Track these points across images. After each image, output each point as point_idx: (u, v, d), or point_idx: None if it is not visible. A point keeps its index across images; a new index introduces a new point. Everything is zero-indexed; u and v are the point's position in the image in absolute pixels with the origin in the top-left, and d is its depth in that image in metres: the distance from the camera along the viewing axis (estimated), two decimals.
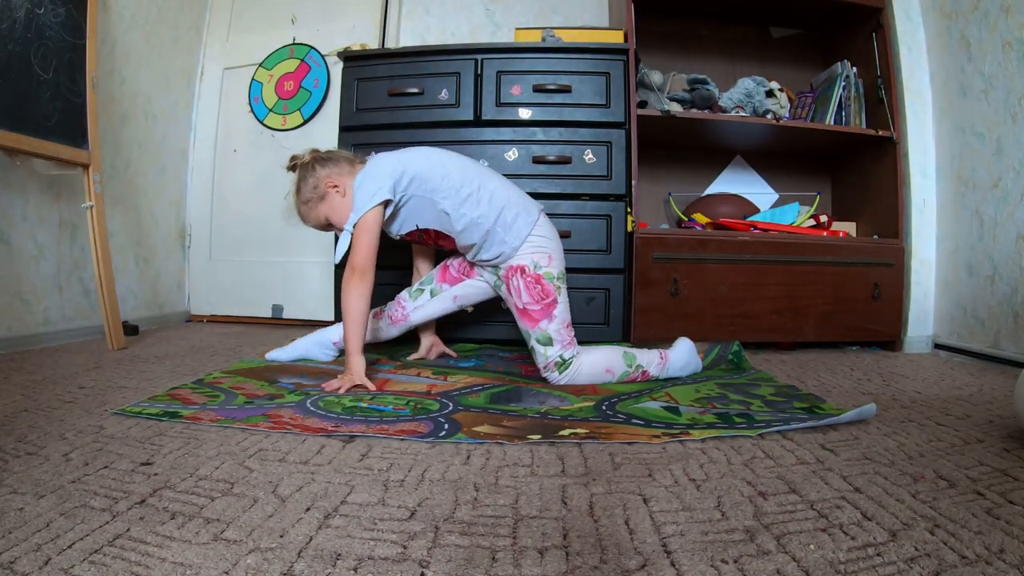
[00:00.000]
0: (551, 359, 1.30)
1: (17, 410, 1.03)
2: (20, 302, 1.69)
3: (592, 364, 1.31)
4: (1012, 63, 1.61)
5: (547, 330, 1.30)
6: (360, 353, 1.25)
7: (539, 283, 1.31)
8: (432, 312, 1.53)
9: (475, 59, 1.82)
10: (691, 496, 0.71)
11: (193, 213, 2.53)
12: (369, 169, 1.34)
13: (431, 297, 1.52)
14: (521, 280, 1.32)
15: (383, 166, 1.33)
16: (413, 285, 1.55)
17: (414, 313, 1.52)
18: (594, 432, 0.95)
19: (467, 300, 1.53)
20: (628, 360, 1.34)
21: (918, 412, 1.11)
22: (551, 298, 1.30)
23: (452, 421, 1.01)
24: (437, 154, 1.40)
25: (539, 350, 1.31)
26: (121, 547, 0.56)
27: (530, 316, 1.31)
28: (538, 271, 1.31)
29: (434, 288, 1.52)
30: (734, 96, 2.03)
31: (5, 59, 1.45)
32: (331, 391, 1.19)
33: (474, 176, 1.36)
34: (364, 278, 1.25)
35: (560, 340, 1.30)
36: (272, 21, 2.49)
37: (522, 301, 1.32)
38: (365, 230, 1.27)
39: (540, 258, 1.32)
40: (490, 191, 1.34)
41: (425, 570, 0.54)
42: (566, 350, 1.30)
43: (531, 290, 1.31)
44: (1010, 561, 0.55)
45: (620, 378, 1.33)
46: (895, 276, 1.90)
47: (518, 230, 1.33)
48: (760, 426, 0.98)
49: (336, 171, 1.36)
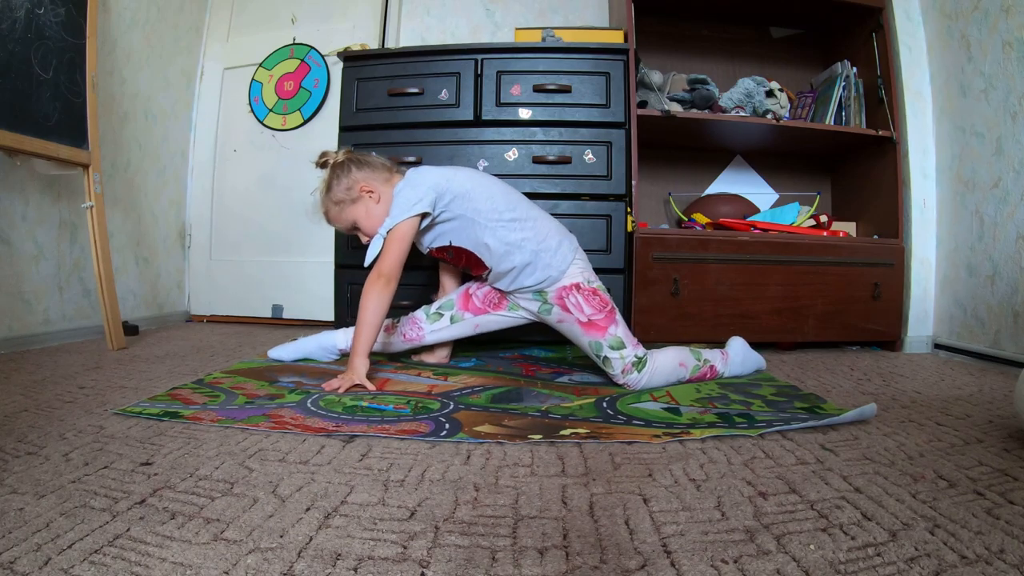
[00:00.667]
0: (628, 360, 1.27)
1: (17, 410, 1.03)
2: (20, 302, 1.69)
3: (666, 360, 1.31)
4: (1012, 63, 1.61)
5: (617, 334, 1.28)
6: (366, 356, 1.25)
7: (596, 295, 1.32)
8: (448, 337, 1.51)
9: (475, 59, 1.82)
10: (691, 496, 0.71)
11: (193, 213, 2.53)
12: (412, 178, 1.33)
13: (451, 323, 1.49)
14: (579, 295, 1.31)
15: (428, 178, 1.32)
16: (432, 305, 1.51)
17: (430, 336, 1.49)
18: (595, 432, 0.95)
19: (488, 329, 1.51)
20: (696, 355, 1.35)
21: (918, 412, 1.11)
22: (610, 305, 1.32)
23: (453, 420, 1.01)
24: (483, 176, 1.41)
25: (614, 356, 1.28)
26: (121, 547, 0.56)
27: (597, 326, 1.30)
28: (592, 285, 1.33)
29: (455, 315, 1.49)
30: (734, 96, 2.03)
31: (5, 59, 1.45)
32: (330, 390, 1.19)
33: (517, 203, 1.37)
34: (388, 285, 1.25)
35: (630, 341, 1.30)
36: (272, 21, 2.49)
37: (586, 314, 1.30)
38: (399, 239, 1.26)
39: (590, 275, 1.35)
40: (533, 218, 1.36)
41: (425, 570, 0.54)
42: (638, 349, 1.30)
43: (591, 302, 1.31)
44: (1010, 561, 0.55)
45: (692, 373, 1.34)
46: (895, 276, 1.90)
47: (564, 254, 1.34)
48: (761, 426, 0.98)
49: (373, 176, 1.34)
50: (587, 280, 1.33)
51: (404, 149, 1.82)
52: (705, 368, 1.36)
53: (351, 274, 1.84)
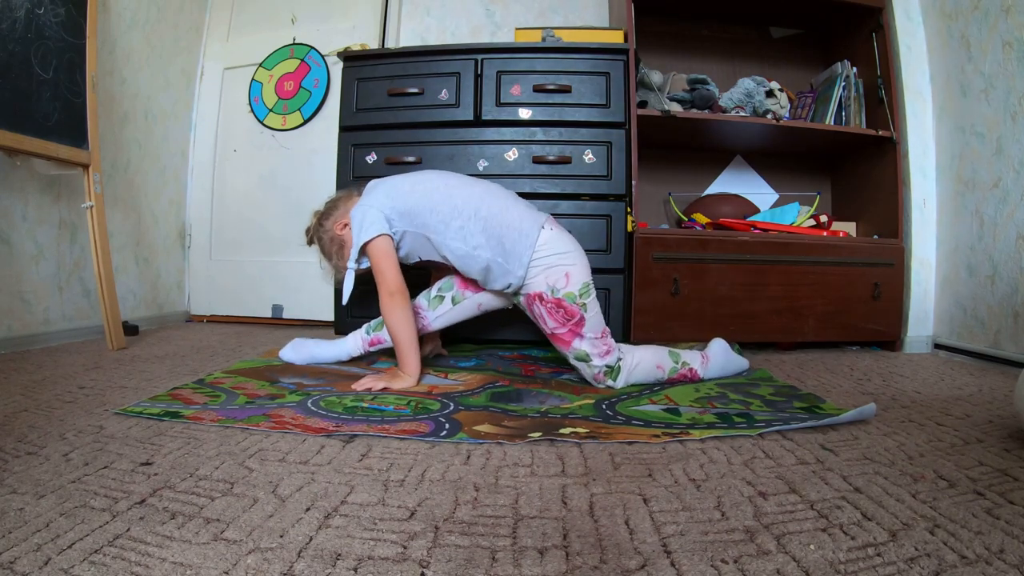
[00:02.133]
0: (597, 371, 1.27)
1: (17, 410, 1.03)
2: (20, 302, 1.69)
3: (642, 362, 1.30)
4: (1012, 63, 1.61)
5: (582, 347, 1.26)
6: (419, 365, 1.28)
7: (560, 307, 1.25)
8: (454, 319, 1.47)
9: (475, 59, 1.82)
10: (691, 496, 0.71)
11: (193, 213, 2.53)
12: (362, 202, 1.32)
13: (452, 305, 1.45)
14: (542, 307, 1.26)
15: (373, 199, 1.31)
16: (431, 290, 1.48)
17: (435, 322, 1.46)
18: (594, 432, 0.95)
19: (490, 307, 1.46)
20: (674, 358, 1.34)
21: (918, 412, 1.11)
22: (576, 317, 1.24)
23: (453, 421, 1.01)
24: (427, 182, 1.33)
25: (582, 367, 1.28)
26: (121, 547, 0.56)
27: (560, 339, 1.27)
28: (556, 295, 1.24)
29: (456, 295, 1.45)
30: (734, 96, 2.03)
31: (5, 59, 1.45)
32: (366, 387, 1.22)
33: (465, 205, 1.28)
34: (402, 297, 1.25)
35: (597, 352, 1.26)
36: (272, 21, 2.49)
37: (548, 327, 1.28)
38: (381, 256, 1.26)
39: (556, 280, 1.24)
40: (483, 219, 1.26)
41: (425, 570, 0.54)
42: (607, 358, 1.26)
43: (554, 315, 1.25)
44: (1010, 561, 0.55)
45: (670, 374, 1.32)
46: (895, 276, 1.90)
47: (518, 257, 1.25)
48: (760, 426, 0.98)
49: (338, 214, 1.36)
50: (551, 289, 1.24)
51: (404, 149, 1.82)
52: (684, 370, 1.34)
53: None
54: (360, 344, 1.54)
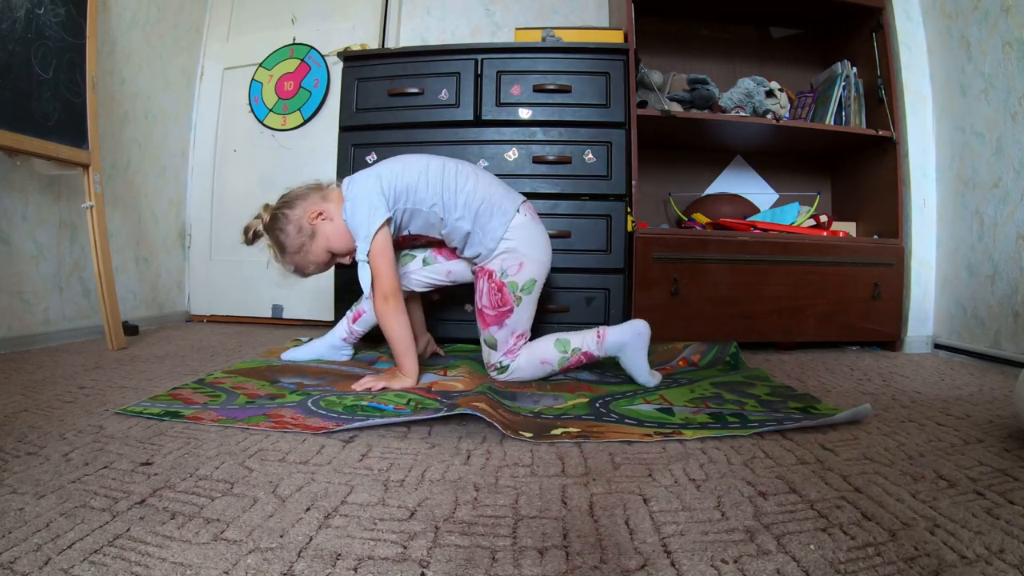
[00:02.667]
0: (492, 362, 1.35)
1: (17, 410, 1.03)
2: (20, 302, 1.69)
3: (528, 361, 1.33)
4: (1012, 63, 1.61)
5: (495, 335, 1.33)
6: (417, 364, 1.28)
7: (500, 291, 1.30)
8: (423, 281, 1.45)
9: (475, 59, 1.82)
10: (691, 496, 0.71)
11: (193, 213, 2.53)
12: (355, 192, 1.29)
13: (423, 265, 1.44)
14: (486, 284, 1.32)
15: (367, 186, 1.28)
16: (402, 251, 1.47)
17: (403, 279, 1.42)
18: (586, 431, 0.96)
19: (461, 279, 1.46)
20: (561, 347, 1.33)
21: (918, 412, 1.11)
22: (507, 307, 1.31)
23: (451, 406, 1.03)
24: (411, 161, 1.35)
25: (485, 350, 1.37)
26: (121, 547, 0.56)
27: (483, 318, 1.33)
28: (503, 279, 1.30)
29: (427, 257, 1.45)
30: (734, 96, 2.03)
31: (5, 59, 1.45)
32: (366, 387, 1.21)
33: (450, 179, 1.31)
34: (397, 300, 1.24)
35: (504, 347, 1.33)
36: (272, 21, 2.49)
37: (480, 303, 1.34)
38: (380, 254, 1.24)
39: (510, 265, 1.30)
40: (466, 193, 1.30)
41: (425, 570, 0.54)
42: (506, 358, 1.33)
43: (491, 296, 1.31)
44: (1010, 561, 0.55)
45: (560, 364, 1.34)
46: (895, 276, 1.90)
47: (492, 231, 1.30)
48: (753, 426, 0.98)
49: (309, 203, 1.30)
50: (501, 271, 1.30)
51: (404, 149, 1.81)
52: (575, 357, 1.33)
53: (351, 273, 1.83)
54: (345, 323, 1.56)
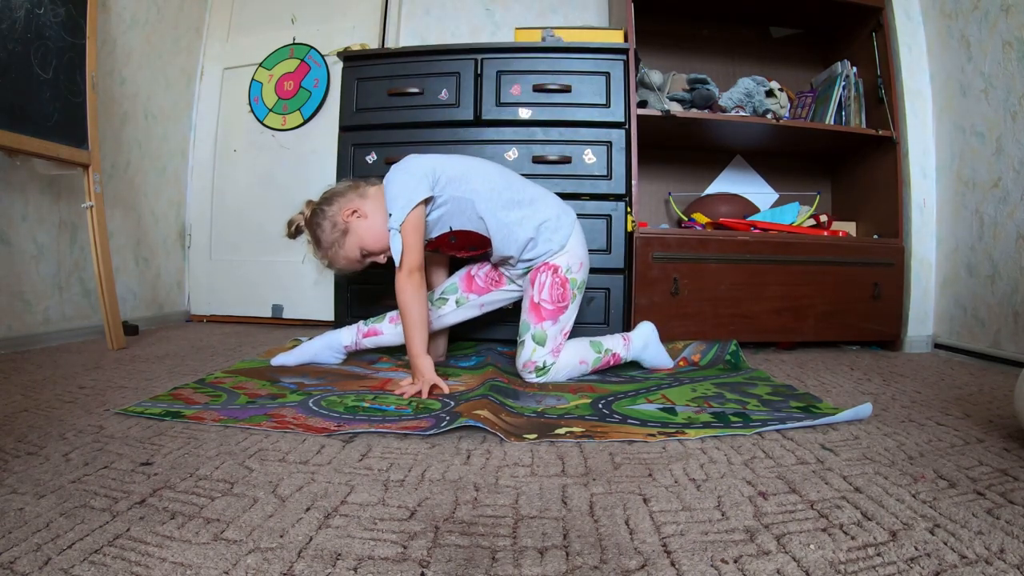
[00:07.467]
0: (535, 360, 1.33)
1: (17, 410, 1.03)
2: (20, 302, 1.69)
3: (568, 360, 1.35)
4: (1012, 63, 1.61)
5: (547, 331, 1.33)
6: (426, 355, 1.23)
7: (564, 286, 1.34)
8: (456, 320, 1.51)
9: (475, 59, 1.82)
10: (691, 496, 0.71)
11: (193, 213, 2.53)
12: (403, 166, 1.29)
13: (456, 307, 1.49)
14: (550, 277, 1.34)
15: (417, 165, 1.29)
16: (435, 292, 1.50)
17: (436, 322, 1.49)
18: (590, 431, 0.95)
19: (492, 307, 1.53)
20: (596, 347, 1.40)
21: (918, 412, 1.11)
22: (565, 303, 1.34)
23: (453, 413, 1.02)
24: (473, 159, 1.41)
25: (529, 346, 1.34)
26: (121, 547, 0.56)
27: (539, 312, 1.34)
28: (568, 275, 1.35)
29: (460, 298, 1.49)
30: (734, 96, 2.03)
31: (5, 59, 1.45)
32: (412, 395, 1.17)
33: (513, 181, 1.38)
34: (422, 277, 1.23)
35: (552, 343, 1.34)
36: (272, 21, 2.49)
37: (540, 296, 1.34)
38: (411, 230, 1.23)
39: (574, 263, 1.36)
40: (531, 195, 1.37)
41: (425, 570, 0.54)
42: (550, 356, 1.34)
43: (553, 290, 1.34)
44: (1010, 561, 0.55)
45: (594, 365, 1.39)
46: (895, 276, 1.90)
47: (564, 229, 1.36)
48: (756, 425, 0.98)
49: (345, 201, 1.30)
50: (567, 268, 1.35)
51: (404, 149, 1.81)
52: (607, 357, 1.41)
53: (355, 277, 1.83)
54: (354, 333, 1.51)
